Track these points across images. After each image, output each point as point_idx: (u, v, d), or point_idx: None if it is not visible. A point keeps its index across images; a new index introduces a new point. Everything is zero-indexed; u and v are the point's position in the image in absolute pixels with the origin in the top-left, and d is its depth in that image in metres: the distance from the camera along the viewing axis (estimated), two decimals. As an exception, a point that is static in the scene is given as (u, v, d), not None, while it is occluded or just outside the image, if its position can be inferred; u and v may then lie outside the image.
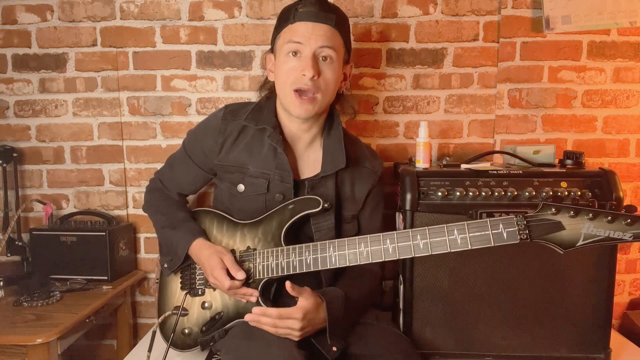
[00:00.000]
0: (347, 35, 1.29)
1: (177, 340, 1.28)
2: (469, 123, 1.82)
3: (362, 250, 1.13)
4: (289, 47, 1.22)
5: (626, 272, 1.85)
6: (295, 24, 1.22)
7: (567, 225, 1.00)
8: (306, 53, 1.21)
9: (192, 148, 1.40)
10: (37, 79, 1.84)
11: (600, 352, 1.37)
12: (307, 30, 1.21)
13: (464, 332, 1.38)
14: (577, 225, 0.99)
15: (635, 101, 1.78)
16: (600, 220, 0.98)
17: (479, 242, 1.05)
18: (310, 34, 1.20)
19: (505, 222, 1.04)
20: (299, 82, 1.21)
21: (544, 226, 1.02)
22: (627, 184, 1.80)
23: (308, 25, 1.21)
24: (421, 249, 1.09)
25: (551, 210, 1.01)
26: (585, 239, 0.99)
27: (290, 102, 1.24)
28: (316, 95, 1.23)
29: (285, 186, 1.28)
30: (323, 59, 1.22)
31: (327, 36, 1.21)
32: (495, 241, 1.04)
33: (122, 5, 1.79)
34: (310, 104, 1.23)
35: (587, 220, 0.99)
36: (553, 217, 1.01)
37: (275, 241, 1.24)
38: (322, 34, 1.21)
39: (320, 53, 1.22)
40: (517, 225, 1.03)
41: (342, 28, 1.26)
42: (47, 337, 1.34)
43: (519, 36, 1.75)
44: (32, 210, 1.90)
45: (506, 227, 1.04)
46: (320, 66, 1.22)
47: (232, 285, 1.18)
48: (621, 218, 0.97)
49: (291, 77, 1.22)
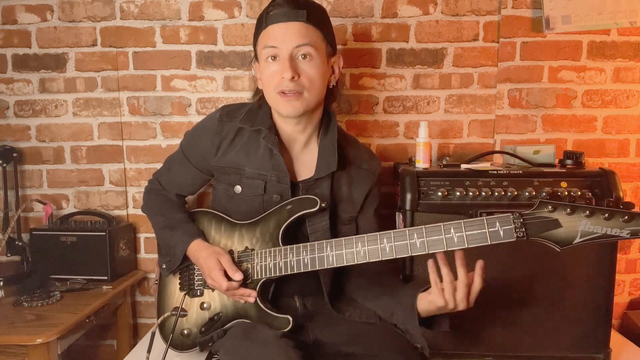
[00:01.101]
0: (324, 27, 1.26)
1: (177, 340, 1.28)
2: (469, 123, 1.82)
3: (359, 250, 1.13)
4: (267, 52, 1.22)
5: (626, 272, 1.85)
6: (268, 28, 1.21)
7: (563, 223, 0.99)
8: (283, 55, 1.20)
9: (189, 149, 1.40)
10: (37, 79, 1.84)
11: (600, 352, 1.37)
12: (280, 32, 1.20)
13: (464, 332, 1.38)
14: (574, 222, 0.98)
15: (635, 101, 1.78)
16: (597, 218, 0.97)
17: (475, 241, 1.04)
18: (283, 36, 1.19)
19: (502, 220, 1.03)
20: (281, 85, 1.20)
21: (540, 224, 1.01)
22: (627, 184, 1.80)
23: (280, 26, 1.20)
24: (418, 247, 1.08)
25: (548, 208, 1.00)
26: (582, 237, 0.98)
27: (278, 104, 1.24)
28: (302, 93, 1.21)
29: (282, 187, 1.28)
30: (302, 57, 1.20)
31: (301, 34, 1.19)
32: (492, 239, 1.03)
33: (122, 5, 1.79)
34: (297, 100, 1.21)
35: (584, 218, 0.97)
36: (550, 214, 1.00)
37: (273, 241, 1.24)
38: (295, 33, 1.19)
39: (298, 52, 1.20)
40: (513, 223, 1.02)
41: (316, 21, 1.23)
42: (47, 337, 1.34)
43: (519, 36, 1.75)
44: (32, 210, 1.90)
45: (503, 225, 1.03)
46: (300, 65, 1.20)
47: (230, 286, 1.18)
48: (618, 215, 0.95)
49: (273, 81, 1.22)
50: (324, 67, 1.26)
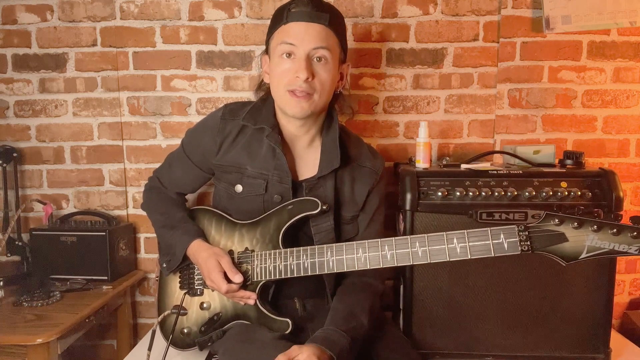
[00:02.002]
0: (342, 34, 1.27)
1: (177, 339, 1.28)
2: (469, 123, 1.82)
3: (360, 256, 1.12)
4: (282, 48, 1.20)
5: (626, 272, 1.85)
6: (288, 25, 1.20)
7: (570, 237, 0.97)
8: (300, 55, 1.19)
9: (191, 147, 1.40)
10: (37, 79, 1.84)
11: (600, 352, 1.37)
12: (300, 31, 1.19)
13: (464, 332, 1.38)
14: (580, 237, 0.96)
15: (635, 101, 1.78)
16: (605, 232, 0.94)
17: (479, 252, 1.03)
18: (303, 35, 1.18)
19: (507, 232, 1.01)
20: (293, 84, 1.20)
21: (546, 237, 0.99)
22: (627, 184, 1.80)
23: (301, 25, 1.19)
24: (420, 257, 1.07)
25: (554, 221, 0.98)
26: (589, 252, 0.96)
27: (286, 102, 1.22)
28: (312, 95, 1.21)
29: (283, 187, 1.27)
30: (317, 60, 1.20)
31: (320, 37, 1.19)
32: (496, 252, 1.01)
33: (122, 5, 1.79)
34: (306, 102, 1.21)
35: (592, 232, 0.95)
36: (556, 227, 0.98)
37: (273, 243, 1.23)
38: (315, 35, 1.19)
39: (315, 54, 1.19)
40: (518, 236, 1.00)
41: (336, 27, 1.23)
42: (47, 337, 1.34)
43: (519, 36, 1.75)
44: (32, 210, 1.90)
45: (507, 237, 1.01)
46: (315, 67, 1.20)
47: (229, 288, 1.18)
48: (627, 230, 0.93)
49: (285, 79, 1.21)
50: (336, 73, 1.26)
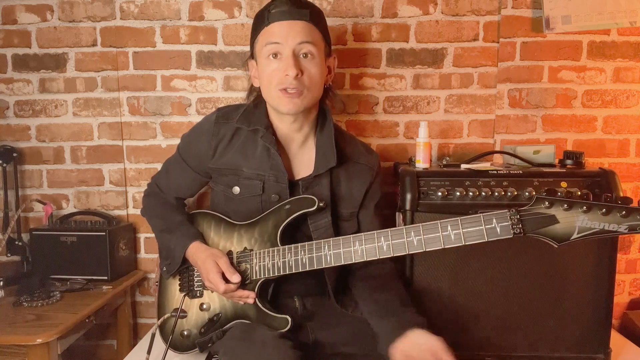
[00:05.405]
0: (324, 28, 1.28)
1: (176, 341, 1.28)
2: (469, 123, 1.82)
3: (357, 249, 1.13)
4: (268, 49, 1.21)
5: (626, 272, 1.85)
6: (271, 26, 1.21)
7: (561, 219, 0.99)
8: (286, 53, 1.20)
9: (187, 152, 1.40)
10: (37, 79, 1.84)
11: (600, 352, 1.37)
12: (284, 30, 1.20)
13: (464, 332, 1.38)
14: (571, 218, 0.98)
15: (635, 101, 1.78)
16: (594, 213, 0.96)
17: (472, 238, 1.04)
18: (287, 33, 1.19)
19: (499, 217, 1.02)
20: (284, 83, 1.20)
21: (537, 220, 1.00)
22: (627, 184, 1.80)
23: (283, 24, 1.20)
24: (415, 245, 1.08)
25: (545, 204, 1.00)
26: (580, 232, 0.97)
27: (279, 101, 1.23)
28: (303, 91, 1.22)
29: (280, 187, 1.28)
30: (304, 56, 1.21)
31: (304, 32, 1.20)
32: (489, 236, 1.02)
33: (122, 5, 1.79)
34: (298, 98, 1.21)
35: (582, 213, 0.97)
36: (547, 210, 1.00)
37: (271, 241, 1.24)
38: (299, 31, 1.19)
39: (300, 50, 1.20)
40: (510, 220, 1.01)
41: (317, 21, 1.24)
42: (47, 337, 1.34)
43: (519, 36, 1.75)
44: (32, 210, 1.90)
45: (499, 221, 1.02)
46: (303, 63, 1.21)
47: (228, 288, 1.18)
48: (616, 210, 0.95)
49: (275, 79, 1.21)
50: (323, 66, 1.27)
